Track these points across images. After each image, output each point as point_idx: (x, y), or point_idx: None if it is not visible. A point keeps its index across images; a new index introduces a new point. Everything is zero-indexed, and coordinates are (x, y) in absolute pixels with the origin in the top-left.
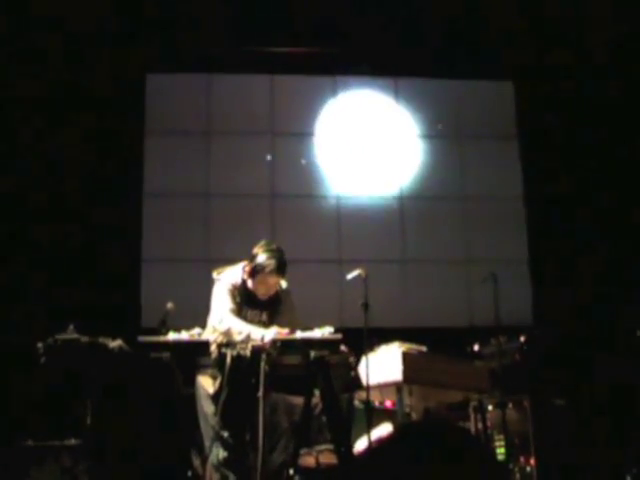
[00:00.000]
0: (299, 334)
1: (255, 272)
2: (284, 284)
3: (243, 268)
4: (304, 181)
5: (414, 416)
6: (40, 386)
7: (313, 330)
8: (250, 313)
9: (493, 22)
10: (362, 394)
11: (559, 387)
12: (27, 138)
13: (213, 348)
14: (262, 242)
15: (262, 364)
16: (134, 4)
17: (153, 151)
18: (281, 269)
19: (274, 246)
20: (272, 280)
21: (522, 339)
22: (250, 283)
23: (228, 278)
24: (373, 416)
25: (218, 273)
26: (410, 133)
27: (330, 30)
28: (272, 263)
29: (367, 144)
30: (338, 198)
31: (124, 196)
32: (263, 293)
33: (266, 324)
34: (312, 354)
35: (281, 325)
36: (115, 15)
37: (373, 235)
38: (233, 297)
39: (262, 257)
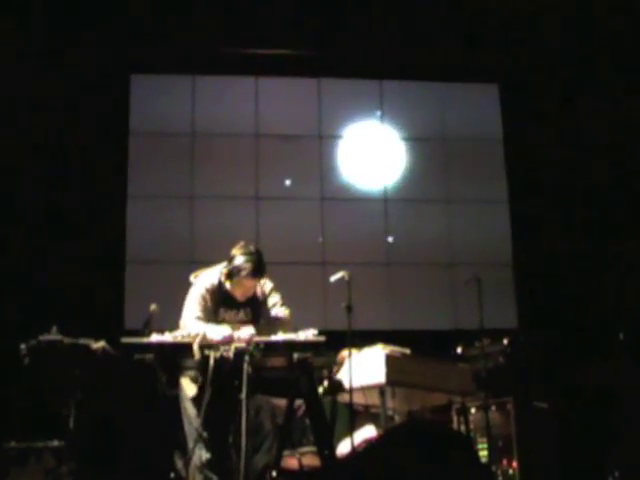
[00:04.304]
0: (282, 336)
1: (232, 275)
2: (268, 285)
3: (221, 270)
4: (288, 183)
5: (397, 419)
6: (23, 387)
7: (297, 332)
8: (228, 314)
9: (477, 23)
10: (345, 396)
11: (542, 390)
12: None
13: (195, 350)
14: (240, 244)
15: (245, 366)
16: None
17: (137, 157)
18: (258, 273)
19: (252, 248)
20: (249, 283)
21: (506, 342)
22: (228, 285)
23: (202, 282)
24: (356, 418)
25: (195, 276)
26: (395, 135)
27: (315, 32)
28: (249, 267)
29: (352, 146)
30: (322, 200)
31: (108, 197)
32: (240, 295)
33: (246, 322)
34: (295, 356)
35: (268, 320)
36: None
37: (357, 237)
38: (204, 302)
39: (239, 260)
